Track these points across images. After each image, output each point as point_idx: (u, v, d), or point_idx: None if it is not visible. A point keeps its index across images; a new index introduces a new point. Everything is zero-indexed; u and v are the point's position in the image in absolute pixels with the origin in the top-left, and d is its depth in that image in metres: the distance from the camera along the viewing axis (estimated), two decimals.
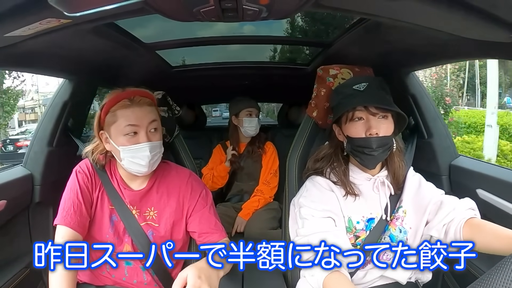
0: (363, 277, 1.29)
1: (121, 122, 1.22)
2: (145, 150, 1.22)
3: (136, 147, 1.22)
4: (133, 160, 1.24)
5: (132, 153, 1.23)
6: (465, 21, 0.81)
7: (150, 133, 1.25)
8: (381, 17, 0.92)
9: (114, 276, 1.32)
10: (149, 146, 1.22)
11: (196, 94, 3.22)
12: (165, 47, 1.92)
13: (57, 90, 1.77)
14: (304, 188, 1.36)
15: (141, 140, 1.22)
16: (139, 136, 1.23)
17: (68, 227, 1.23)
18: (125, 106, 1.23)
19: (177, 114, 1.68)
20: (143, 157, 1.23)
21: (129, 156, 1.24)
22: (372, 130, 1.22)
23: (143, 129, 1.23)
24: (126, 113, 1.22)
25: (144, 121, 1.23)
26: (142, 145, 1.22)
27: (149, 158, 1.23)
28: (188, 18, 0.85)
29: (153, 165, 1.27)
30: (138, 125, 1.22)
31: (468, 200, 1.26)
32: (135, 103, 1.23)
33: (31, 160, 1.71)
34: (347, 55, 1.69)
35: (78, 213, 1.26)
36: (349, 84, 1.32)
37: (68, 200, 1.28)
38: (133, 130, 1.22)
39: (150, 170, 1.27)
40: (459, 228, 1.17)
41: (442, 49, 1.26)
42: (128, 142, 1.23)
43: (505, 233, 1.06)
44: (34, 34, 0.91)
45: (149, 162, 1.24)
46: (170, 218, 1.35)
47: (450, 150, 1.71)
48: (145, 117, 1.23)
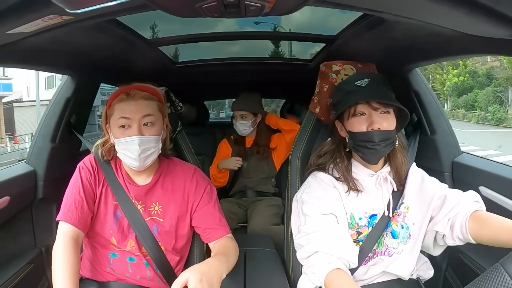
0: (365, 273, 1.29)
1: (116, 114, 1.25)
2: (135, 144, 1.23)
3: (126, 140, 1.24)
4: (125, 153, 1.26)
5: (123, 145, 1.25)
6: (469, 17, 0.80)
7: (144, 127, 1.25)
8: (384, 12, 0.92)
9: (118, 272, 1.32)
10: (138, 140, 1.23)
11: (198, 90, 3.22)
12: (168, 43, 1.92)
13: (60, 87, 1.78)
14: (307, 184, 1.36)
15: (132, 133, 1.23)
16: (131, 129, 1.24)
17: (69, 223, 1.24)
18: (121, 99, 1.25)
19: (180, 110, 1.68)
20: (132, 150, 1.24)
21: (121, 149, 1.26)
22: (374, 125, 1.22)
23: (136, 122, 1.24)
24: (121, 106, 1.25)
25: (136, 114, 1.24)
26: (132, 138, 1.23)
27: (138, 152, 1.23)
28: (190, 14, 0.85)
29: (145, 160, 1.26)
30: (130, 118, 1.24)
31: (472, 193, 1.25)
32: (130, 97, 1.25)
33: (34, 157, 1.72)
34: (350, 51, 1.68)
35: (80, 210, 1.26)
36: (351, 80, 1.32)
37: (70, 197, 1.29)
38: (125, 123, 1.24)
39: (142, 164, 1.27)
40: (464, 222, 1.16)
41: (446, 46, 1.25)
42: (121, 135, 1.25)
43: (511, 225, 1.05)
44: (36, 31, 0.91)
45: (138, 156, 1.24)
46: (175, 213, 1.35)
47: (452, 147, 1.70)
48: (139, 110, 1.24)
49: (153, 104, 1.28)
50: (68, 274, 1.13)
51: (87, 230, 1.30)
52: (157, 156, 1.32)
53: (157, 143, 1.29)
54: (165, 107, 1.37)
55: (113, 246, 1.32)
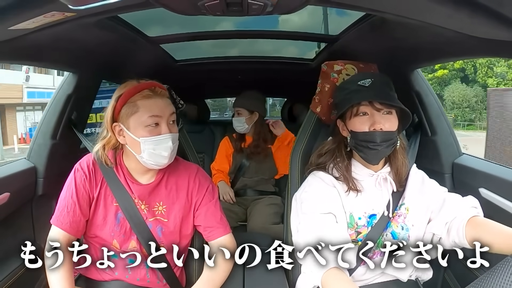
0: (364, 274, 1.29)
1: (142, 112, 1.21)
2: (168, 141, 1.23)
3: (158, 138, 1.22)
4: (155, 152, 1.23)
5: (154, 144, 1.22)
6: (471, 18, 0.80)
7: (170, 125, 1.25)
8: (386, 13, 0.92)
9: (117, 274, 1.32)
10: (171, 137, 1.23)
11: (200, 88, 3.22)
12: (170, 41, 1.91)
13: (61, 83, 1.77)
14: (306, 183, 1.36)
15: (163, 131, 1.22)
16: (161, 128, 1.23)
17: (60, 228, 1.25)
18: (147, 96, 1.22)
19: (181, 108, 1.68)
20: (165, 149, 1.23)
21: (150, 148, 1.23)
22: (377, 125, 1.22)
23: (165, 120, 1.23)
24: (148, 103, 1.22)
25: (166, 112, 1.23)
26: (165, 136, 1.22)
27: (171, 149, 1.24)
28: (192, 12, 0.85)
29: (172, 157, 1.27)
30: (161, 116, 1.22)
31: (471, 198, 1.26)
32: (157, 94, 1.23)
33: (34, 153, 1.71)
34: (352, 51, 1.68)
35: (71, 214, 1.26)
36: (353, 80, 1.31)
37: (63, 200, 1.29)
38: (155, 121, 1.22)
39: (170, 161, 1.27)
40: (461, 227, 1.17)
41: (448, 47, 1.25)
42: (150, 134, 1.22)
43: (508, 232, 1.06)
44: (39, 27, 0.91)
45: (170, 153, 1.24)
46: (179, 213, 1.35)
47: (453, 148, 1.70)
48: (166, 108, 1.24)
49: (170, 102, 1.29)
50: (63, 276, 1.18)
51: (80, 234, 1.30)
52: None
53: (177, 140, 1.30)
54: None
55: (114, 247, 1.31)
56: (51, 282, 1.19)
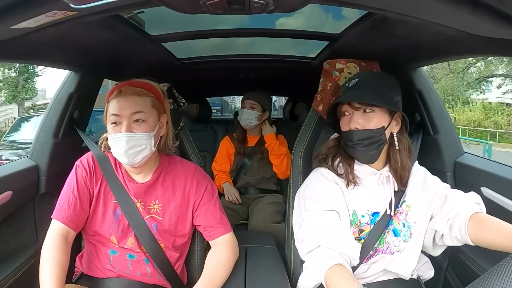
0: (366, 271, 1.30)
1: (109, 111, 1.26)
2: (122, 140, 1.23)
3: (115, 136, 1.25)
4: (114, 149, 1.27)
5: (113, 141, 1.26)
6: (473, 17, 0.80)
7: (135, 124, 1.25)
8: (388, 11, 0.91)
9: (118, 269, 1.33)
10: (126, 137, 1.23)
11: (201, 86, 3.22)
12: (171, 39, 1.91)
13: (63, 82, 1.77)
14: (309, 180, 1.37)
15: (122, 130, 1.23)
16: (120, 126, 1.24)
17: (60, 221, 1.26)
18: (114, 95, 1.26)
19: (183, 106, 1.68)
20: (120, 147, 1.24)
21: (112, 145, 1.27)
22: (352, 124, 1.25)
23: (125, 119, 1.23)
24: (113, 102, 1.25)
25: (126, 111, 1.23)
26: (120, 134, 1.23)
27: (125, 149, 1.23)
28: (194, 10, 0.85)
29: (134, 156, 1.26)
30: (120, 115, 1.24)
31: (474, 194, 1.25)
32: (121, 93, 1.25)
33: (36, 152, 1.72)
34: (353, 49, 1.67)
35: (72, 209, 1.27)
36: (347, 81, 1.33)
37: (64, 195, 1.30)
38: (115, 120, 1.25)
39: (131, 160, 1.26)
40: (463, 223, 1.16)
41: (450, 45, 1.24)
42: (112, 131, 1.25)
43: (510, 229, 1.05)
44: (40, 26, 0.91)
45: (126, 152, 1.24)
46: (175, 212, 1.36)
47: (455, 147, 1.70)
48: (129, 107, 1.24)
49: (146, 100, 1.27)
50: (55, 270, 1.15)
51: (79, 228, 1.31)
52: (151, 153, 1.30)
53: (149, 140, 1.27)
54: (164, 103, 1.35)
55: (113, 244, 1.33)
56: (44, 275, 1.16)
